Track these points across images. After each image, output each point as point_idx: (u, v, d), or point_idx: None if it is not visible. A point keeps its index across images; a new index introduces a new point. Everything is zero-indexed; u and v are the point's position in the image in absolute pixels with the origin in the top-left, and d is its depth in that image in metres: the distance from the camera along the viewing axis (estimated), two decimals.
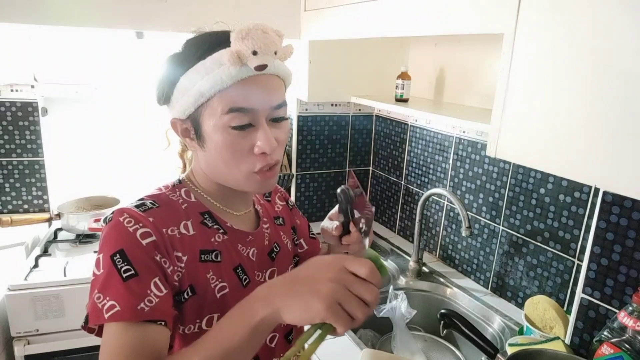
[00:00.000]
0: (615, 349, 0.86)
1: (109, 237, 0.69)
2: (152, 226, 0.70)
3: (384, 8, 1.28)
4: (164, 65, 0.76)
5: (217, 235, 0.79)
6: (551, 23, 0.78)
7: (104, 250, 0.68)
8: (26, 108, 1.76)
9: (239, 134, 0.71)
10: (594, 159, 0.74)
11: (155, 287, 0.67)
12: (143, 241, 0.68)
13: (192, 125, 0.74)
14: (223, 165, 0.74)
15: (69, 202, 1.85)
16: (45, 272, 1.49)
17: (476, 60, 1.54)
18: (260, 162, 0.73)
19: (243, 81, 0.70)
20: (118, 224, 0.69)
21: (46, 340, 1.42)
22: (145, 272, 0.67)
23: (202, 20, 0.78)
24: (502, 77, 0.88)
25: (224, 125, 0.71)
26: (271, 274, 0.88)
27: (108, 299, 0.64)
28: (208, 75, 0.69)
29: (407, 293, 1.33)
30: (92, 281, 0.68)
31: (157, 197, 0.76)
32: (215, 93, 0.69)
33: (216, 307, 0.76)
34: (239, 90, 0.70)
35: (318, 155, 1.96)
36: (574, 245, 1.22)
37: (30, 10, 1.41)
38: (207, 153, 0.75)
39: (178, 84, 0.72)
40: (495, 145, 0.92)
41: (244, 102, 0.70)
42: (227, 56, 0.67)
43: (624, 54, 0.68)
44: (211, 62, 0.69)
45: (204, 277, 0.75)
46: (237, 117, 0.70)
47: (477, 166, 1.51)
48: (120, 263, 0.66)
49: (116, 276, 0.65)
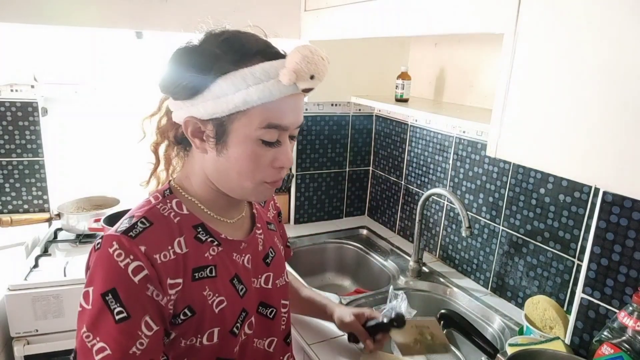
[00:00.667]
0: (615, 349, 0.86)
1: (99, 270, 0.67)
2: (144, 258, 0.67)
3: (384, 8, 1.28)
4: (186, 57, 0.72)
5: (212, 248, 0.77)
6: (551, 23, 0.78)
7: (93, 284, 0.66)
8: (26, 108, 1.76)
9: (264, 148, 0.72)
10: (594, 159, 0.74)
11: (146, 327, 0.66)
12: (135, 278, 0.66)
13: (215, 129, 0.71)
14: (236, 174, 0.73)
15: (69, 202, 1.85)
16: (45, 272, 1.49)
17: (476, 60, 1.54)
18: (275, 175, 0.75)
19: (284, 98, 0.70)
20: (108, 257, 0.66)
21: (46, 340, 1.42)
22: (137, 312, 0.66)
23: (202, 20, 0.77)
24: (502, 77, 0.88)
25: (256, 138, 0.70)
26: (266, 279, 0.87)
27: (98, 340, 0.63)
28: (257, 86, 0.67)
29: (407, 293, 1.33)
30: (79, 313, 0.67)
31: (149, 213, 0.73)
32: (259, 104, 0.68)
33: (216, 322, 0.76)
34: (280, 107, 0.70)
35: (318, 155, 1.96)
36: (574, 245, 1.22)
37: (30, 10, 1.41)
38: (221, 158, 0.73)
39: (213, 84, 0.69)
40: (495, 145, 0.92)
41: (282, 119, 0.71)
42: (287, 75, 0.67)
43: (625, 53, 0.68)
44: (261, 73, 0.68)
45: (200, 295, 0.73)
46: (272, 132, 0.71)
47: (477, 166, 1.51)
48: (112, 304, 0.64)
49: (108, 316, 0.64)
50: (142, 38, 1.79)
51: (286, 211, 2.01)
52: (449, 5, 1.04)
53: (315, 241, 1.88)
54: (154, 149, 0.82)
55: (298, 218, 2.01)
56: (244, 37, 0.72)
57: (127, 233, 0.68)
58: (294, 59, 0.67)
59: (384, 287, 1.53)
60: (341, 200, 2.08)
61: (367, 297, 1.46)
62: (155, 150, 0.82)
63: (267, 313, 0.87)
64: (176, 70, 0.72)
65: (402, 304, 1.27)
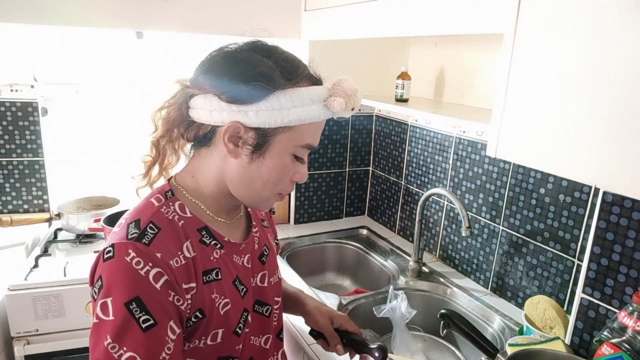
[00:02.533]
0: (615, 349, 0.86)
1: (118, 279, 0.65)
2: (163, 264, 0.67)
3: (384, 8, 1.28)
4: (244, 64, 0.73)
5: (215, 251, 0.78)
6: (551, 23, 0.78)
7: (113, 294, 0.65)
8: (26, 108, 1.75)
9: (292, 162, 0.77)
10: (594, 159, 0.74)
11: (171, 331, 0.67)
12: (157, 284, 0.66)
13: (257, 137, 0.73)
14: (262, 183, 0.77)
15: (69, 202, 1.85)
16: (45, 272, 1.49)
17: (476, 60, 1.54)
18: (290, 187, 0.81)
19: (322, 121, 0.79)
20: (126, 266, 0.66)
21: (46, 340, 1.42)
22: (163, 319, 0.66)
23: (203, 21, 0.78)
24: (502, 77, 0.88)
25: (291, 152, 0.76)
26: (262, 277, 0.89)
27: (125, 350, 0.62)
28: (310, 107, 0.74)
29: (407, 293, 1.33)
30: (97, 325, 0.65)
31: (155, 218, 0.72)
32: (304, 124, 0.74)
33: (221, 323, 0.76)
34: (316, 129, 0.79)
35: (318, 155, 1.96)
36: (574, 245, 1.22)
37: (30, 10, 1.41)
38: (250, 166, 0.75)
39: (272, 96, 0.71)
40: (495, 145, 0.92)
41: (315, 140, 0.79)
42: (338, 104, 0.76)
43: (625, 53, 0.68)
44: (314, 95, 0.75)
45: (209, 298, 0.74)
46: (305, 151, 0.78)
47: (477, 166, 1.51)
48: (138, 313, 0.64)
49: (134, 326, 0.63)
50: (142, 38, 1.79)
51: (286, 211, 2.01)
52: (449, 6, 1.04)
53: (315, 241, 1.88)
54: (156, 142, 0.81)
55: (298, 218, 2.01)
56: (296, 59, 0.78)
57: (141, 240, 0.68)
58: (345, 90, 0.77)
59: (384, 287, 1.53)
60: (341, 200, 2.08)
61: (367, 297, 1.46)
62: (157, 144, 0.81)
63: (262, 311, 0.88)
64: (235, 73, 0.72)
65: (402, 304, 1.27)
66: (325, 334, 0.97)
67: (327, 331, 0.96)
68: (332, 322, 0.97)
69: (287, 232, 1.91)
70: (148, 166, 0.82)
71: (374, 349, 0.91)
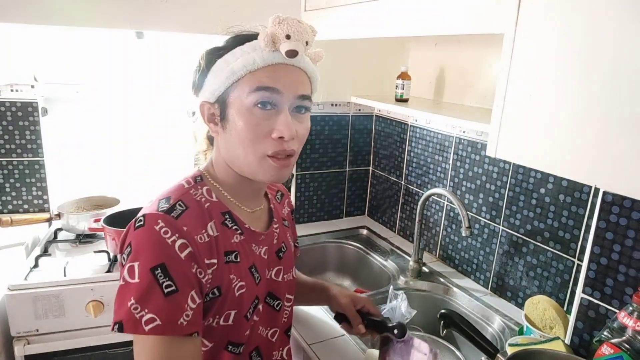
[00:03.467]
0: (615, 349, 0.86)
1: (146, 245, 0.69)
2: (189, 236, 0.71)
3: (384, 8, 1.28)
4: (202, 55, 0.80)
5: (236, 235, 0.81)
6: (551, 23, 0.78)
7: (140, 259, 0.69)
8: (26, 108, 1.75)
9: (261, 115, 0.75)
10: (594, 159, 0.74)
11: (192, 300, 0.70)
12: (182, 254, 0.70)
13: (219, 107, 0.78)
14: (241, 148, 0.77)
15: (69, 202, 1.85)
16: (45, 272, 1.49)
17: (476, 60, 1.54)
18: (275, 146, 0.76)
19: (273, 66, 0.75)
20: (155, 234, 0.69)
21: (46, 340, 1.42)
22: (185, 286, 0.69)
23: (202, 21, 0.80)
24: (502, 77, 0.88)
25: (249, 105, 0.75)
26: (277, 272, 0.91)
27: (147, 311, 0.66)
28: (242, 57, 0.74)
29: (407, 293, 1.33)
30: (123, 287, 0.69)
31: (185, 197, 0.77)
32: (246, 73, 0.74)
33: (235, 305, 0.79)
34: (268, 72, 0.75)
35: (318, 155, 1.96)
36: (574, 245, 1.22)
37: (30, 10, 1.41)
38: (227, 135, 0.78)
39: (213, 66, 0.77)
40: (495, 145, 0.92)
41: (271, 82, 0.75)
42: (262, 37, 0.73)
43: (624, 54, 0.68)
44: (248, 47, 0.75)
45: (227, 278, 0.77)
46: (263, 95, 0.74)
47: (477, 166, 1.51)
48: (162, 278, 0.67)
49: (157, 290, 0.67)
50: (142, 38, 1.79)
51: None
52: (449, 6, 1.04)
53: (315, 241, 1.88)
54: (204, 156, 0.91)
55: (298, 218, 2.01)
56: (246, 31, 0.81)
57: (170, 213, 0.72)
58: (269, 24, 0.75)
59: (384, 287, 1.54)
60: (341, 200, 2.08)
61: (367, 297, 1.45)
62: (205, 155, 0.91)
63: (274, 305, 0.91)
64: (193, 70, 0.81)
65: (402, 304, 1.27)
66: (348, 314, 1.03)
67: (350, 312, 1.03)
68: (354, 304, 1.04)
69: None
70: None
71: (393, 327, 0.98)
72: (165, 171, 1.94)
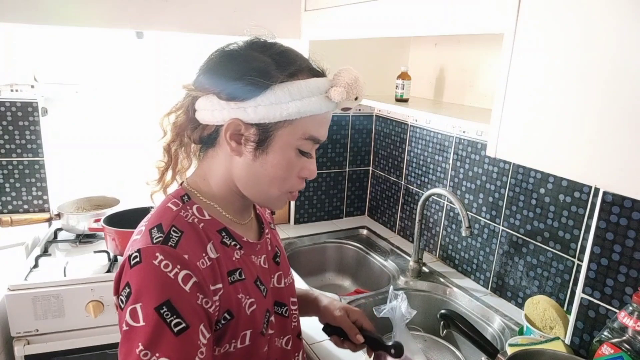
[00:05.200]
0: (615, 349, 0.86)
1: (147, 283, 0.64)
2: (191, 264, 0.67)
3: (384, 8, 1.28)
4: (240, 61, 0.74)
5: (236, 252, 0.78)
6: (551, 23, 0.78)
7: (142, 299, 0.63)
8: (26, 108, 1.75)
9: (297, 157, 0.76)
10: (594, 159, 0.74)
11: (202, 335, 0.65)
12: (186, 287, 0.65)
13: (258, 134, 0.73)
14: (268, 180, 0.76)
15: (69, 202, 1.85)
16: (45, 272, 1.49)
17: (476, 60, 1.54)
18: (299, 185, 0.79)
19: (325, 113, 0.76)
20: (155, 269, 0.65)
21: (46, 340, 1.42)
22: (195, 321, 0.65)
23: (202, 21, 0.78)
24: (502, 77, 0.88)
25: (295, 147, 0.75)
26: (278, 278, 0.89)
27: (158, 355, 0.60)
28: (310, 99, 0.72)
29: (407, 293, 1.33)
30: (128, 333, 0.63)
31: (176, 222, 0.72)
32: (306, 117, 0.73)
33: (249, 324, 0.76)
34: (320, 121, 0.76)
35: (318, 156, 1.96)
36: (574, 245, 1.22)
37: (30, 10, 1.41)
38: (255, 163, 0.74)
39: (269, 91, 0.70)
40: (495, 145, 0.92)
41: (320, 134, 0.77)
42: (339, 93, 0.73)
43: (624, 53, 0.68)
44: (314, 87, 0.73)
45: (236, 298, 0.74)
46: (310, 144, 0.76)
47: (477, 166, 1.51)
48: (169, 317, 0.62)
49: (166, 330, 0.62)
50: (142, 38, 1.79)
51: (286, 211, 2.01)
52: (449, 6, 1.04)
53: (315, 241, 1.88)
54: (167, 147, 0.81)
55: (298, 218, 2.01)
56: (293, 52, 0.77)
57: (167, 243, 0.68)
58: (345, 79, 0.74)
59: (384, 287, 1.53)
60: (341, 200, 2.08)
61: (367, 297, 1.46)
62: (168, 149, 0.81)
63: (282, 312, 0.88)
64: (231, 71, 0.73)
65: (402, 304, 1.27)
66: (343, 326, 0.97)
67: (345, 324, 0.97)
68: (348, 316, 0.98)
69: (287, 232, 1.91)
70: (161, 171, 0.82)
71: (390, 347, 0.92)
72: None
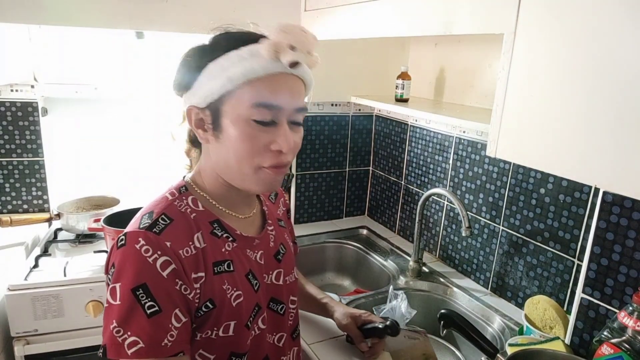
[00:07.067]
0: (615, 349, 0.86)
1: (127, 266, 0.68)
2: (171, 252, 0.69)
3: (384, 8, 1.28)
4: (188, 53, 0.76)
5: (227, 244, 0.79)
6: (551, 23, 0.78)
7: (121, 279, 0.67)
8: (26, 108, 1.75)
9: (259, 129, 0.72)
10: (594, 159, 0.74)
11: (176, 319, 0.68)
12: (164, 272, 0.68)
13: (211, 114, 0.73)
14: (234, 158, 0.73)
15: (69, 202, 1.85)
16: (45, 272, 1.49)
17: (476, 60, 1.54)
18: (273, 159, 0.74)
19: (273, 77, 0.71)
20: (135, 253, 0.68)
21: (46, 340, 1.42)
22: (168, 306, 0.67)
23: (203, 21, 0.79)
24: (501, 77, 0.88)
25: (247, 118, 0.71)
26: (277, 275, 0.89)
27: (129, 334, 0.64)
28: (241, 63, 0.69)
29: (407, 293, 1.33)
30: (107, 309, 0.68)
31: (168, 210, 0.74)
32: (245, 82, 0.70)
33: (233, 315, 0.77)
34: (268, 85, 0.71)
35: (318, 155, 1.96)
36: (574, 245, 1.22)
37: (30, 10, 1.41)
38: (220, 145, 0.74)
39: (205, 69, 0.72)
40: (495, 145, 0.92)
41: (272, 98, 0.71)
42: (265, 46, 0.69)
43: (624, 54, 0.68)
44: (246, 52, 0.70)
45: (220, 288, 0.75)
46: (263, 112, 0.71)
47: (477, 166, 1.51)
48: (143, 298, 0.66)
49: (139, 311, 0.65)
50: (142, 38, 1.79)
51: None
52: (449, 6, 1.04)
53: (315, 241, 1.88)
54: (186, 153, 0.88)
55: (298, 218, 2.01)
56: (242, 32, 0.76)
57: (152, 229, 0.70)
58: (272, 32, 0.70)
59: (384, 287, 1.53)
60: (341, 200, 2.08)
61: (367, 297, 1.46)
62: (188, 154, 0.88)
63: (277, 309, 0.89)
64: (177, 68, 0.77)
65: (402, 304, 1.27)
66: (351, 334, 1.12)
67: (352, 331, 1.11)
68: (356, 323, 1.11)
69: None
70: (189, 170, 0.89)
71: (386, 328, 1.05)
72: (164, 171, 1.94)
